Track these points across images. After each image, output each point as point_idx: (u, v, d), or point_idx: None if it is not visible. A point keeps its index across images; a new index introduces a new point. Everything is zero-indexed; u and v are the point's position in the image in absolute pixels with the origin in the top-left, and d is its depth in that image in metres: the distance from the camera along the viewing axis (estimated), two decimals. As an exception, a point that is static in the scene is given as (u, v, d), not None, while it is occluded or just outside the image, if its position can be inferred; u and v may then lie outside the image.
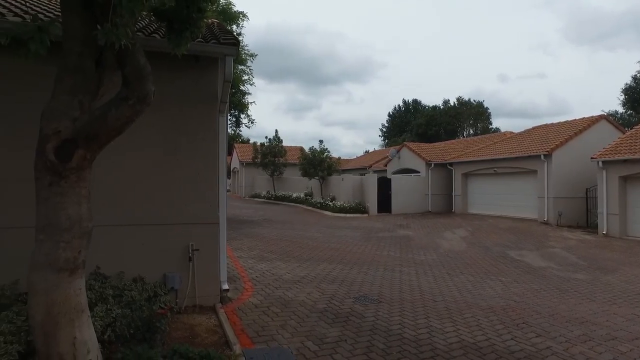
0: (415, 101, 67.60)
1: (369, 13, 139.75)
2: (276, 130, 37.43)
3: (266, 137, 33.62)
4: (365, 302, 6.53)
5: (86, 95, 3.40)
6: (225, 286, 6.09)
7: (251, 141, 38.11)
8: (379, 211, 22.64)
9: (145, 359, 3.68)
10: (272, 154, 32.39)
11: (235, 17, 18.54)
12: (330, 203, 23.92)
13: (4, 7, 5.37)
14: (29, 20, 3.00)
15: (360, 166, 36.59)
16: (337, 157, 31.79)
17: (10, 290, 4.78)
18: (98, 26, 3.35)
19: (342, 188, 24.93)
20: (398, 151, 28.06)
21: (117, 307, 4.58)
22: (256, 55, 20.27)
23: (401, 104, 68.33)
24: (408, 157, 26.62)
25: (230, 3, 18.27)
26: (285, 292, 6.91)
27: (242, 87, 19.58)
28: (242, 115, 21.45)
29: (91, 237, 3.49)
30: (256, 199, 33.99)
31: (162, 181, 5.62)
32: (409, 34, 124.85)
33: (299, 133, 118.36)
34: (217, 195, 5.84)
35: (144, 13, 5.32)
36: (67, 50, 3.29)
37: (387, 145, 59.99)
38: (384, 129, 69.62)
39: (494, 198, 21.01)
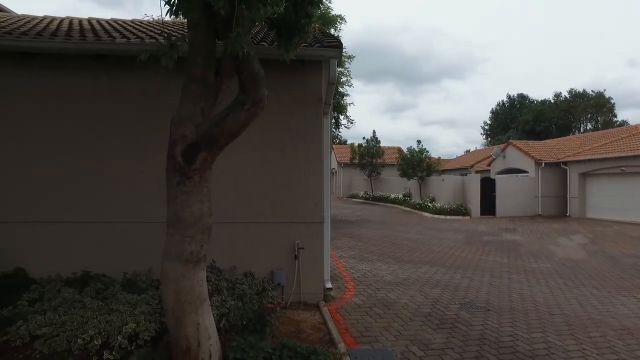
0: (521, 96, 62.55)
1: (468, 6, 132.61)
2: (374, 131, 37.32)
3: (364, 138, 33.77)
4: (471, 309, 6.17)
5: (207, 102, 3.71)
6: (329, 285, 6.21)
7: (348, 142, 38.50)
8: (481, 213, 21.38)
9: (257, 350, 3.89)
10: (369, 155, 32.46)
11: (333, 20, 18.92)
12: (429, 204, 23.19)
13: (141, 32, 6.36)
14: (161, 41, 3.38)
15: (460, 166, 34.87)
16: (436, 157, 30.71)
17: (145, 276, 5.45)
18: (217, 40, 3.68)
19: (442, 189, 24.02)
20: (503, 150, 26.22)
21: (230, 299, 4.93)
22: (354, 57, 20.46)
23: (505, 99, 63.67)
24: (514, 156, 24.68)
25: (328, 7, 18.68)
26: (387, 293, 6.83)
27: (340, 89, 19.90)
28: (341, 117, 21.78)
29: (211, 232, 3.79)
30: (354, 199, 34.35)
31: (271, 181, 5.93)
32: (512, 23, 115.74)
33: (396, 133, 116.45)
34: (322, 195, 5.99)
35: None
36: (192, 63, 3.61)
37: (489, 144, 56.27)
38: (486, 127, 65.44)
39: (621, 201, 18.48)
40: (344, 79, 20.14)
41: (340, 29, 19.54)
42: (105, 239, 5.73)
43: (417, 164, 26.63)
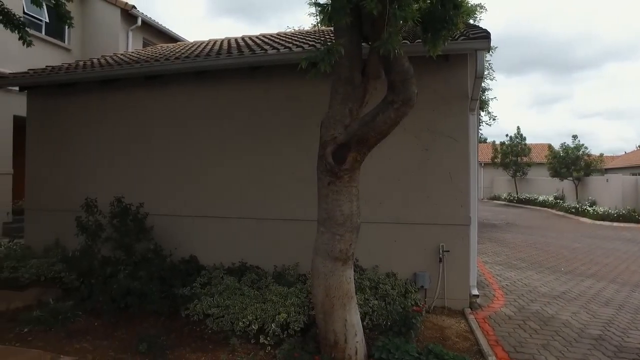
0: None
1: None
2: (518, 127, 34.03)
3: (507, 135, 31.03)
4: (660, 338, 5.12)
5: (355, 103, 3.79)
6: (475, 292, 5.81)
7: (489, 140, 35.79)
8: (664, 221, 17.76)
9: (403, 352, 3.83)
10: (514, 153, 29.69)
11: (472, 10, 17.70)
12: (589, 208, 20.17)
13: (288, 42, 6.93)
14: (316, 49, 3.57)
15: (631, 164, 29.66)
16: (597, 153, 26.57)
17: (293, 271, 5.84)
18: (363, 42, 3.74)
19: (607, 191, 20.73)
20: (694, 144, 21.41)
21: (373, 298, 4.96)
22: (496, 47, 18.91)
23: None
24: None
25: (466, -4, 17.61)
26: (542, 307, 6.10)
27: (482, 84, 18.65)
28: (482, 113, 20.36)
29: (359, 232, 3.85)
30: (495, 201, 31.90)
31: (414, 181, 5.79)
32: None
33: (544, 129, 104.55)
34: (468, 195, 5.64)
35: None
36: (340, 66, 3.72)
37: (671, 136, 46.46)
38: (667, 116, 54.15)
39: None
40: (485, 72, 18.78)
41: (480, 19, 18.18)
42: (260, 234, 6.31)
43: (572, 162, 23.52)
